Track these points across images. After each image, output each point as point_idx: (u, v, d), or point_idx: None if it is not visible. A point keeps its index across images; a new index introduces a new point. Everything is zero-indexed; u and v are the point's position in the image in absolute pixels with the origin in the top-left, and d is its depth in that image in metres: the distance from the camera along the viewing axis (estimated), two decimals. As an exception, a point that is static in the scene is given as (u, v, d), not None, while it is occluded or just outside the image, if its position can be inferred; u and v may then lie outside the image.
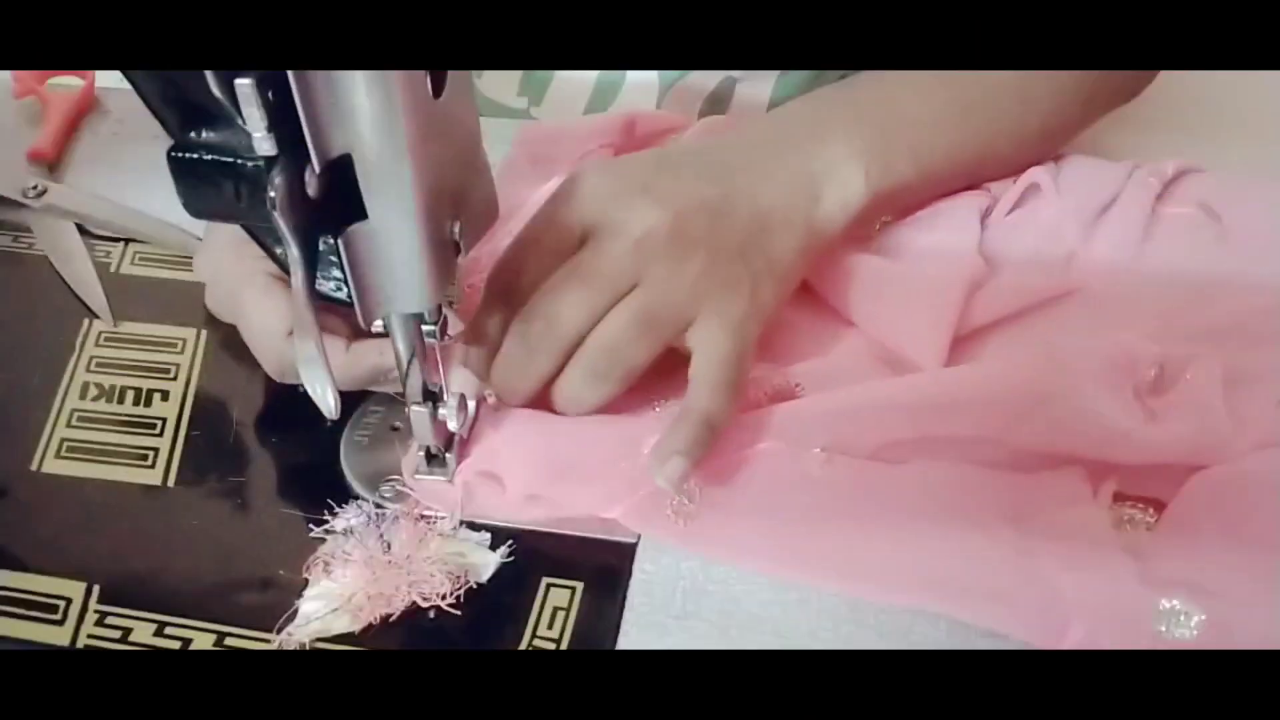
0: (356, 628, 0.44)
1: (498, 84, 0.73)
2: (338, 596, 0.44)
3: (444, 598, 0.44)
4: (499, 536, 0.46)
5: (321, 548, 0.46)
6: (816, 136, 0.54)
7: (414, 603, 0.44)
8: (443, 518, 0.47)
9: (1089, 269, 0.54)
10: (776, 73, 0.72)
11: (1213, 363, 0.48)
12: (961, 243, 0.54)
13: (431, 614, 0.44)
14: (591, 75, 0.71)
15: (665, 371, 0.48)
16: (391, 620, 0.44)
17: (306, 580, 0.45)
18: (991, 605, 0.43)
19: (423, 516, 0.47)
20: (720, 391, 0.46)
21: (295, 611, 0.44)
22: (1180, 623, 0.40)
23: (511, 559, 0.46)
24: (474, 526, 0.47)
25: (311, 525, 0.47)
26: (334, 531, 0.46)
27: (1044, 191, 0.56)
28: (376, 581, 0.44)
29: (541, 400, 0.48)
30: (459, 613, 0.44)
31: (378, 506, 0.47)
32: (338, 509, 0.47)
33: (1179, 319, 0.52)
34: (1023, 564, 0.43)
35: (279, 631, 0.44)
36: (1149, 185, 0.57)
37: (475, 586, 0.45)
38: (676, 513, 0.45)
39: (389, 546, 0.46)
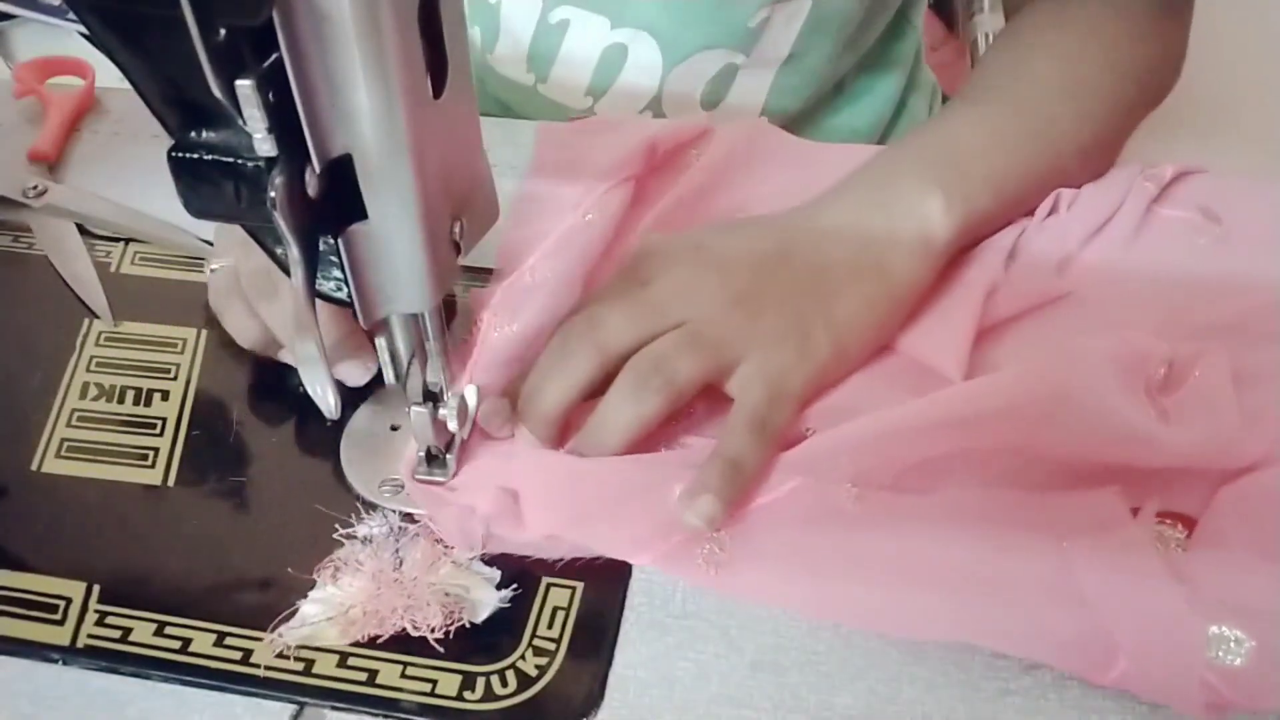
0: (344, 641, 0.43)
1: (508, 61, 0.73)
2: (337, 605, 0.44)
3: (434, 631, 0.43)
4: (507, 576, 0.45)
5: (338, 551, 0.46)
6: (885, 184, 0.53)
7: (404, 629, 0.44)
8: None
9: (1084, 272, 0.54)
10: (779, 63, 0.72)
11: (1221, 359, 0.47)
12: (990, 248, 0.54)
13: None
14: (595, 54, 0.71)
15: (689, 414, 0.48)
16: (379, 640, 0.44)
17: (315, 580, 0.45)
18: (1035, 638, 0.41)
19: (441, 539, 0.46)
20: (748, 435, 0.45)
21: (295, 610, 0.44)
22: (1231, 649, 0.39)
23: (510, 605, 0.45)
24: (487, 561, 0.46)
25: (337, 525, 0.46)
26: (354, 537, 0.46)
27: (1060, 204, 0.56)
28: (377, 598, 0.44)
29: (565, 429, 0.48)
30: (442, 650, 0.43)
31: (404, 519, 0.47)
32: (363, 514, 0.47)
33: (1181, 318, 0.51)
34: (1064, 592, 0.42)
35: (273, 630, 0.44)
36: (1145, 190, 0.56)
37: (468, 626, 0.44)
38: (707, 561, 0.44)
39: (401, 563, 0.45)
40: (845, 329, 0.49)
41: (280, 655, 0.43)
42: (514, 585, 0.45)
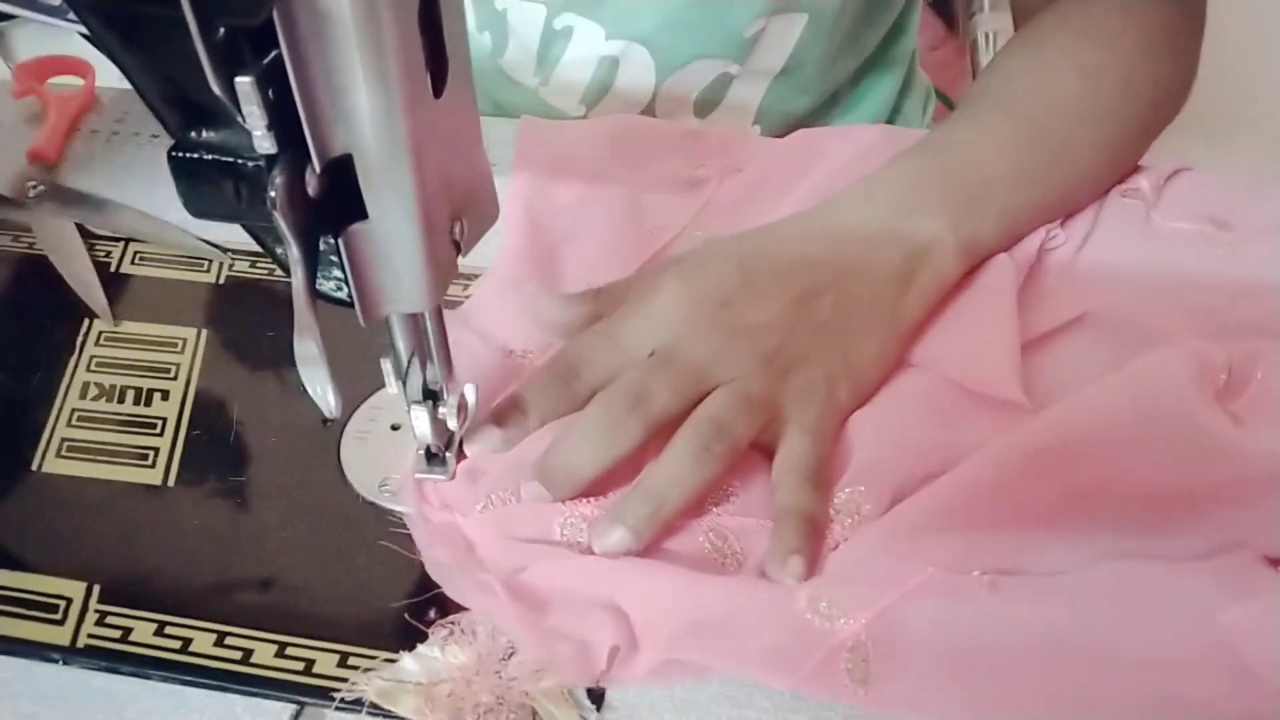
0: (414, 717, 0.41)
1: (518, 64, 0.74)
2: (433, 674, 0.42)
3: None
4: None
5: (466, 615, 0.43)
6: (904, 215, 0.53)
7: None
8: None
9: (1093, 289, 0.53)
10: (771, 75, 0.72)
11: (1278, 357, 0.46)
12: (1006, 261, 0.54)
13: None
14: (592, 63, 0.71)
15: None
16: None
17: (429, 634, 0.43)
18: (1200, 718, 0.40)
19: None
20: (809, 488, 0.46)
21: (398, 660, 0.42)
22: None
23: None
24: (594, 696, 0.42)
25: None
26: None
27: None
28: (469, 684, 0.41)
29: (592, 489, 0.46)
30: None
31: None
32: None
33: (1201, 317, 0.51)
34: (1225, 667, 0.40)
35: (365, 670, 0.42)
36: (1125, 206, 0.56)
37: None
38: (852, 678, 0.41)
39: (511, 654, 0.42)
40: (862, 374, 0.50)
41: (282, 654, 0.43)
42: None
